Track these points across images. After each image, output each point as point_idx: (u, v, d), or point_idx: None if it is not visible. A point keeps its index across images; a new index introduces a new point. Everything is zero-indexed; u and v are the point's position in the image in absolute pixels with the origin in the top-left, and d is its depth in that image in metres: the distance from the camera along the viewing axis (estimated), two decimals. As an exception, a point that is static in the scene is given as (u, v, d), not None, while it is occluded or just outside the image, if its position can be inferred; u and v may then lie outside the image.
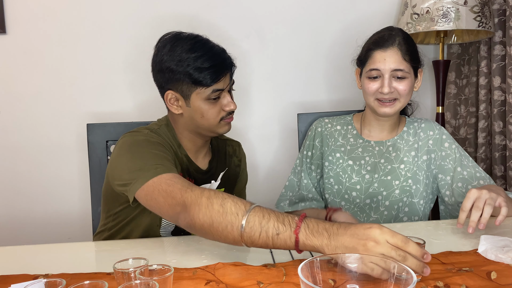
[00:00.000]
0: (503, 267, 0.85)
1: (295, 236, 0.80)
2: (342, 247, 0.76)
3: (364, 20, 1.99)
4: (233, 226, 0.83)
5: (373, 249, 0.74)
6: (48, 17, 1.90)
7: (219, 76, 1.12)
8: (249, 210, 0.84)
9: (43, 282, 0.72)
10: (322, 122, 1.46)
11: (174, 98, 1.16)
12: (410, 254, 0.75)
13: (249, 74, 2.00)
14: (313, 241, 0.79)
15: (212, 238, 0.87)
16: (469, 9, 1.69)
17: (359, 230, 0.77)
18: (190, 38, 1.14)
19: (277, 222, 0.81)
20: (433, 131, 1.37)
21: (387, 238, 0.75)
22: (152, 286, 0.67)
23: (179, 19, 1.93)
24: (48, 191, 1.98)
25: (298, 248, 0.81)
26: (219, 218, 0.84)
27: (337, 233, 0.78)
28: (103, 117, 1.94)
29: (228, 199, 0.86)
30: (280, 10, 1.98)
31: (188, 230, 0.92)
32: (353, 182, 1.36)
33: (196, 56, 1.10)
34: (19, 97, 1.93)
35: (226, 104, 1.17)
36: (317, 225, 0.80)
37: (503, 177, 1.87)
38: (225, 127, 1.21)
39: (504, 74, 1.81)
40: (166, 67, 1.13)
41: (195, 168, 1.25)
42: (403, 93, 1.28)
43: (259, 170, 2.06)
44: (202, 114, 1.15)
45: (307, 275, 0.62)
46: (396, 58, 1.26)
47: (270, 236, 0.81)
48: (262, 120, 2.04)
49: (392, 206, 1.35)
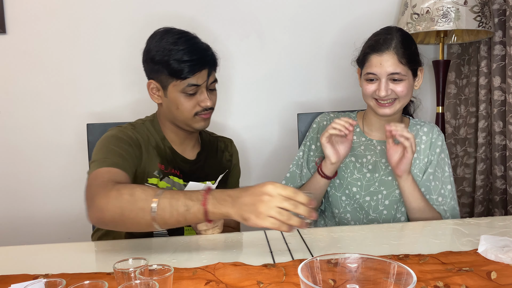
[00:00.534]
0: (503, 267, 0.85)
1: (203, 207, 0.87)
2: (244, 206, 0.85)
3: (364, 20, 1.99)
4: (144, 211, 0.88)
5: (269, 203, 0.83)
6: (48, 17, 1.90)
7: (195, 71, 1.16)
8: (159, 194, 0.89)
9: (43, 282, 0.72)
10: (328, 116, 1.47)
11: (155, 88, 1.22)
12: (299, 202, 0.85)
13: (249, 74, 2.00)
14: (220, 208, 0.87)
15: (124, 227, 0.92)
16: (469, 9, 1.69)
17: (256, 189, 0.86)
18: (178, 33, 1.19)
19: (185, 199, 0.88)
20: (432, 134, 1.38)
21: (280, 191, 0.84)
22: (152, 286, 0.67)
23: (179, 19, 1.93)
24: (48, 191, 1.98)
25: (207, 218, 0.88)
26: (129, 206, 0.89)
27: (238, 195, 0.87)
28: (103, 117, 1.94)
29: (137, 188, 0.91)
30: (280, 10, 1.98)
31: (98, 225, 0.95)
32: (354, 178, 1.37)
33: (178, 49, 1.15)
34: (19, 97, 1.93)
35: (202, 100, 1.20)
36: (221, 193, 0.88)
37: (503, 177, 1.87)
38: (200, 122, 1.23)
39: (504, 74, 1.81)
40: (151, 57, 1.18)
41: (181, 159, 1.28)
42: (401, 95, 1.28)
43: (259, 170, 2.06)
44: (177, 106, 1.19)
45: (307, 275, 0.62)
46: (392, 62, 1.26)
47: (181, 213, 0.88)
48: (262, 120, 2.04)
49: (392, 205, 1.35)
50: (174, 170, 1.26)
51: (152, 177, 1.23)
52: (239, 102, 2.02)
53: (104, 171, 1.04)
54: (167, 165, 1.25)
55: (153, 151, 1.23)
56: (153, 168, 1.23)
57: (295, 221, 0.84)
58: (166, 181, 1.25)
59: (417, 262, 0.88)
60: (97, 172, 1.03)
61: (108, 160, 1.08)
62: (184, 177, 1.28)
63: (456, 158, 2.07)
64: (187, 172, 1.28)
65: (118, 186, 0.93)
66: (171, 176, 1.26)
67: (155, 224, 0.89)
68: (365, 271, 0.68)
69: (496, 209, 1.89)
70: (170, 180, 1.26)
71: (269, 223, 0.83)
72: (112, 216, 0.90)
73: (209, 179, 1.33)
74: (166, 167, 1.25)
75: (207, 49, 1.21)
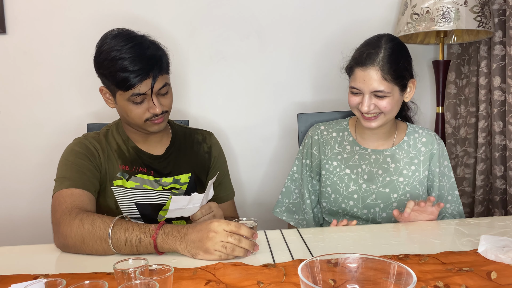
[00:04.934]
0: (503, 267, 0.85)
1: (153, 241, 0.96)
2: (191, 243, 0.95)
3: (363, 20, 1.99)
4: (102, 240, 0.98)
5: (214, 239, 0.93)
6: (48, 17, 1.90)
7: (138, 81, 1.14)
8: (116, 224, 0.99)
9: (43, 282, 0.72)
10: (318, 129, 1.44)
11: (108, 93, 1.24)
12: (243, 236, 0.95)
13: (249, 74, 2.00)
14: (169, 243, 0.96)
15: (84, 252, 1.01)
16: (469, 9, 1.69)
17: (202, 226, 0.96)
18: (124, 39, 1.16)
19: (139, 232, 0.97)
20: (432, 145, 1.35)
21: (224, 227, 0.94)
22: (152, 286, 0.67)
23: (179, 19, 1.93)
24: (48, 191, 1.97)
25: (157, 251, 0.97)
26: (89, 235, 0.99)
27: (186, 233, 0.96)
28: (103, 117, 1.94)
29: (98, 219, 1.01)
30: (280, 10, 1.98)
31: (62, 249, 1.04)
32: (350, 191, 1.35)
33: (122, 58, 1.13)
34: (19, 97, 1.93)
35: (150, 107, 1.19)
36: (172, 229, 0.97)
37: (503, 177, 1.87)
38: (153, 126, 1.23)
39: (504, 74, 1.81)
40: (97, 63, 1.20)
41: (148, 156, 1.31)
42: (384, 110, 1.24)
43: (259, 170, 2.06)
44: (127, 113, 1.21)
45: (307, 275, 0.62)
46: (376, 78, 1.21)
47: (134, 244, 0.97)
48: (262, 120, 2.04)
49: (389, 218, 1.34)
50: (142, 168, 1.29)
51: (116, 179, 1.26)
52: (239, 102, 2.02)
53: (66, 194, 1.11)
54: (131, 165, 1.28)
55: (113, 155, 1.27)
56: (115, 171, 1.26)
57: (239, 251, 0.94)
58: (133, 180, 1.28)
59: (417, 262, 0.88)
60: (60, 194, 1.12)
61: (68, 180, 1.15)
62: (155, 172, 1.30)
63: (456, 158, 2.07)
64: (156, 168, 1.31)
65: (80, 215, 1.03)
66: (138, 175, 1.28)
67: (111, 251, 0.99)
68: (365, 271, 0.68)
69: (496, 209, 1.89)
70: (138, 179, 1.28)
71: (216, 256, 0.93)
72: (74, 242, 1.00)
73: (183, 173, 1.34)
74: (131, 167, 1.28)
75: (151, 56, 1.16)
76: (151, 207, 1.29)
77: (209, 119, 2.01)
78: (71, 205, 1.08)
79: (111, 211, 1.26)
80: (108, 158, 1.26)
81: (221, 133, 2.01)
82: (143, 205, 1.29)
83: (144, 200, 1.29)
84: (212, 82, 1.99)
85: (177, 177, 1.33)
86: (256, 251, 0.98)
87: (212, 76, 1.99)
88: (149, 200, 1.29)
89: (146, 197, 1.29)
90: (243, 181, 2.06)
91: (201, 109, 2.01)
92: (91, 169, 1.21)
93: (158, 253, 0.98)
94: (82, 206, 1.09)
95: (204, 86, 1.99)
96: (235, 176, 1.89)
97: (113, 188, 1.26)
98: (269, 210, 1.11)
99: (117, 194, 1.26)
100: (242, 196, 2.04)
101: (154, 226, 0.99)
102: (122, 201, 1.27)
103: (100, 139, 1.29)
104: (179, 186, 1.33)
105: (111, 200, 1.26)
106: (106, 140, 1.29)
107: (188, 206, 1.13)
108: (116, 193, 1.26)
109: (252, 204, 2.08)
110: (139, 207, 1.28)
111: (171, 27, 1.93)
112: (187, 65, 1.97)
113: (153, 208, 1.30)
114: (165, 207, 1.30)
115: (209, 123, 2.00)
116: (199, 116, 2.00)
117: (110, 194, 1.26)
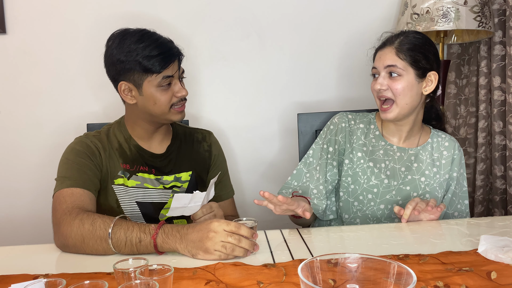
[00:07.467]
0: (503, 267, 0.85)
1: (153, 241, 0.96)
2: (191, 243, 0.95)
3: (363, 20, 1.98)
4: (102, 240, 0.99)
5: (214, 239, 0.93)
6: (48, 17, 1.90)
7: (168, 63, 1.19)
8: (116, 224, 0.99)
9: (43, 282, 0.72)
10: (346, 117, 1.41)
11: (127, 89, 1.23)
12: (243, 236, 0.95)
13: (249, 74, 2.00)
14: (169, 243, 0.97)
15: (84, 252, 1.01)
16: (469, 9, 1.69)
17: (202, 226, 0.96)
18: (137, 31, 1.21)
19: (139, 232, 0.98)
20: (454, 150, 1.37)
21: (224, 227, 0.94)
22: (152, 286, 0.67)
23: (179, 19, 1.93)
24: (48, 191, 1.97)
25: (157, 251, 0.98)
26: (89, 235, 0.99)
27: (186, 232, 0.97)
28: (103, 117, 1.94)
29: (98, 218, 1.01)
30: (280, 10, 1.98)
31: (62, 249, 1.04)
32: (371, 185, 1.34)
33: (144, 46, 1.17)
34: (19, 97, 1.93)
35: (178, 91, 1.23)
36: (172, 229, 0.98)
37: (503, 177, 1.87)
38: (177, 115, 1.26)
39: (504, 74, 1.81)
40: (117, 59, 1.19)
41: (149, 155, 1.31)
42: (396, 92, 1.24)
43: (259, 170, 2.06)
44: (155, 101, 1.21)
45: (307, 275, 0.62)
46: (390, 55, 1.25)
47: (134, 244, 0.97)
48: (262, 120, 2.04)
49: None
50: (143, 167, 1.30)
51: (117, 178, 1.27)
52: (239, 102, 2.02)
53: (67, 194, 1.12)
54: (132, 164, 1.29)
55: (114, 153, 1.27)
56: (116, 170, 1.27)
57: (238, 251, 0.94)
58: (134, 178, 1.28)
59: (417, 262, 0.88)
60: (60, 194, 1.12)
61: (69, 179, 1.15)
62: (156, 171, 1.31)
63: (456, 158, 2.07)
64: (157, 166, 1.31)
65: (81, 215, 1.03)
66: (140, 173, 1.29)
67: (111, 251, 0.99)
68: (365, 271, 0.68)
69: (496, 209, 1.89)
70: (139, 177, 1.29)
71: (216, 256, 0.93)
72: (74, 242, 1.01)
73: (184, 171, 1.35)
74: (132, 166, 1.29)
75: (171, 41, 1.24)
76: (152, 205, 1.30)
77: (209, 119, 2.01)
78: (71, 205, 1.08)
79: (112, 210, 1.26)
80: (109, 157, 1.27)
81: (221, 133, 2.01)
82: (144, 204, 1.29)
83: (146, 199, 1.29)
84: (212, 82, 1.99)
85: (178, 175, 1.33)
86: (256, 251, 0.98)
87: (212, 76, 1.99)
88: (150, 198, 1.29)
89: (147, 196, 1.29)
90: (243, 181, 2.06)
91: (201, 109, 2.01)
92: (92, 168, 1.21)
93: (158, 253, 0.98)
94: (82, 206, 1.09)
95: (204, 86, 1.99)
96: (235, 176, 1.89)
97: (114, 187, 1.26)
98: (269, 210, 1.11)
99: (118, 193, 1.27)
100: (242, 196, 2.04)
101: (154, 226, 0.99)
102: (123, 200, 1.27)
103: (101, 138, 1.29)
104: (180, 184, 1.33)
105: (112, 198, 1.26)
106: (107, 138, 1.29)
107: (190, 204, 1.13)
108: (117, 192, 1.27)
109: (252, 204, 2.08)
110: (141, 206, 1.28)
111: (171, 27, 1.93)
112: (187, 65, 1.96)
113: (155, 206, 1.30)
114: (166, 206, 1.31)
115: (209, 123, 2.00)
116: (199, 116, 2.00)
117: (112, 192, 1.26)
